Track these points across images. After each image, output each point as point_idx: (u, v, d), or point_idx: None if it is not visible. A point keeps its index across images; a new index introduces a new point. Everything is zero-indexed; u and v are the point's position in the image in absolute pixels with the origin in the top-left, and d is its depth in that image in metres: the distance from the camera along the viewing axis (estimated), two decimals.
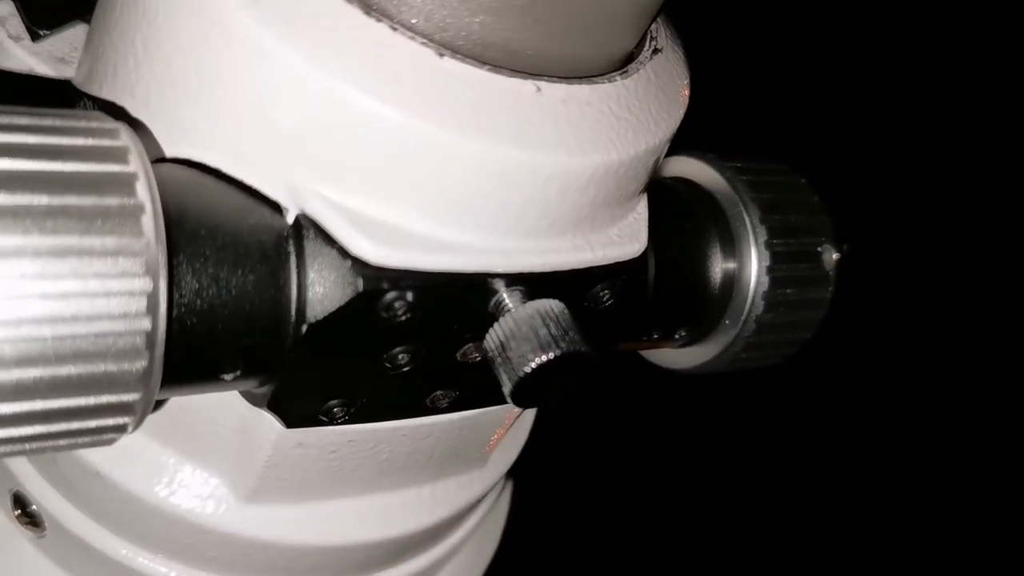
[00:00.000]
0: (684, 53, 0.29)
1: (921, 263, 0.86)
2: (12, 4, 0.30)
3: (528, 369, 0.24)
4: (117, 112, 0.25)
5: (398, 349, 0.25)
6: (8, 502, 0.32)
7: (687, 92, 0.28)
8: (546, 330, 0.24)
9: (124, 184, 0.21)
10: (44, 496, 0.31)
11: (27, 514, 0.31)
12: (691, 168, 0.33)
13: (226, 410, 0.27)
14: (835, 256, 0.33)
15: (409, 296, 0.24)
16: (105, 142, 0.21)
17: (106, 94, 0.25)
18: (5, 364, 0.19)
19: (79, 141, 0.21)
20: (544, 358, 0.24)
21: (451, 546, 0.36)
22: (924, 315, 0.87)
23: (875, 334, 0.82)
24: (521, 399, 0.24)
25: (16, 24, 0.30)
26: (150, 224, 0.21)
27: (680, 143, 0.29)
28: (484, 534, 0.39)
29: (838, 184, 0.37)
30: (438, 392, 0.28)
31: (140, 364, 0.21)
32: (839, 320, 0.33)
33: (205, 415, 0.28)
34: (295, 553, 0.31)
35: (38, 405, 0.20)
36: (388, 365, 0.25)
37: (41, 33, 0.30)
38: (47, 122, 0.21)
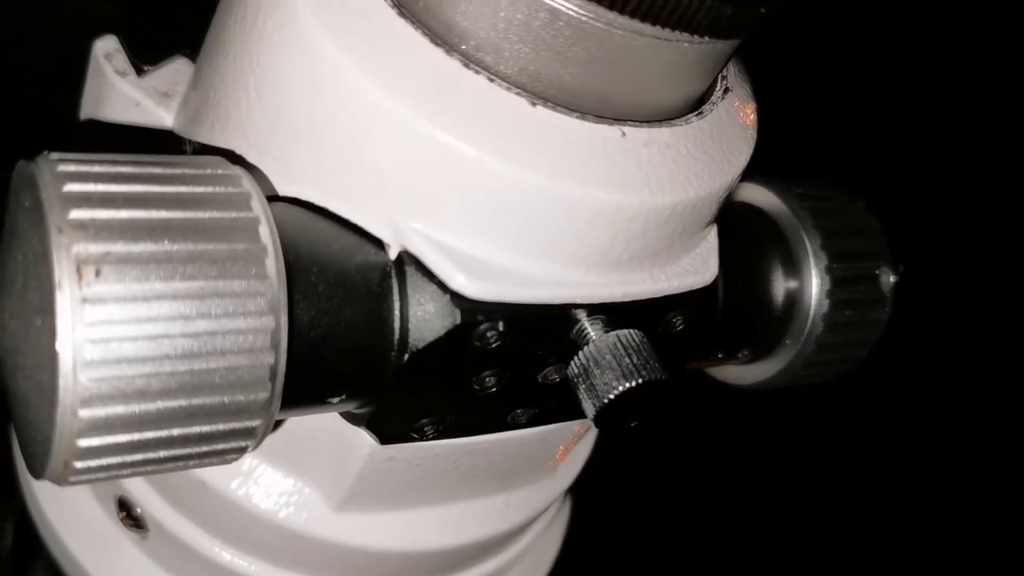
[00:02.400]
0: (751, 88, 0.31)
1: (922, 266, 0.87)
2: (117, 40, 0.32)
3: (612, 396, 0.26)
4: (227, 155, 0.27)
5: (487, 373, 0.27)
6: (113, 506, 0.34)
7: (755, 127, 0.30)
8: (628, 360, 0.26)
9: (249, 229, 0.22)
10: (148, 501, 0.33)
11: (131, 517, 0.33)
12: (756, 194, 0.35)
13: (323, 427, 0.29)
14: (892, 279, 0.34)
15: (500, 326, 0.26)
16: (231, 189, 0.23)
17: (216, 139, 0.27)
18: (151, 396, 0.21)
19: (208, 189, 0.23)
20: (628, 385, 0.26)
21: (520, 550, 0.38)
22: (925, 317, 0.87)
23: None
24: (605, 423, 0.26)
25: (121, 60, 0.32)
26: (272, 266, 0.22)
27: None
28: (548, 538, 0.41)
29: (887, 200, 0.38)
30: (519, 410, 0.29)
31: (263, 394, 0.23)
32: None
33: (303, 431, 0.30)
34: (380, 558, 0.32)
35: (176, 431, 0.22)
36: (476, 387, 0.27)
37: (145, 68, 0.32)
38: (180, 171, 0.23)
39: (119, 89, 0.31)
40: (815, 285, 0.33)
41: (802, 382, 0.35)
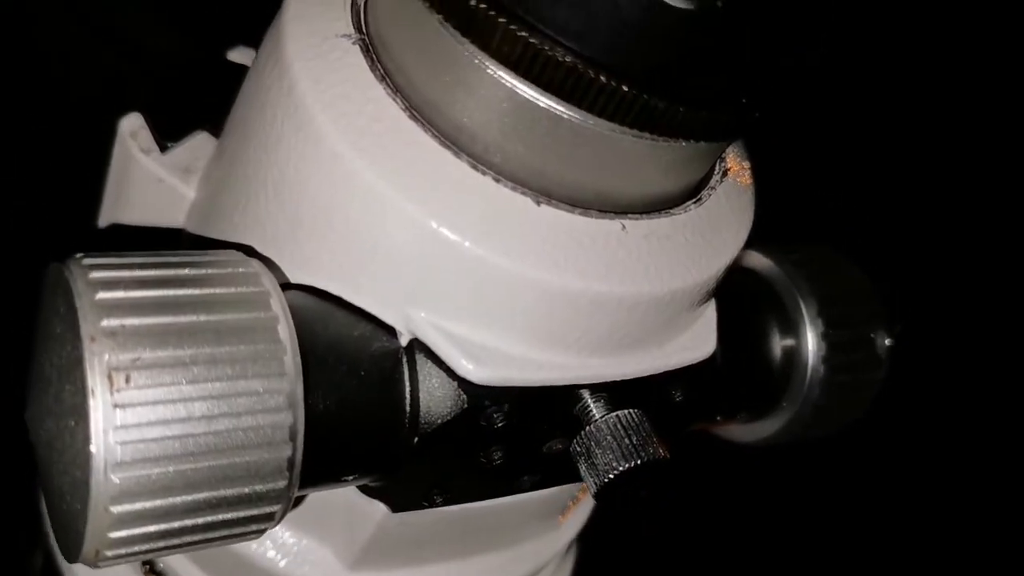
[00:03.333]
0: (749, 164, 0.32)
1: (923, 271, 0.87)
2: (141, 118, 0.33)
3: (613, 475, 0.27)
4: (243, 247, 0.28)
5: (494, 448, 0.28)
6: (139, 563, 0.35)
7: (753, 206, 0.31)
8: (628, 440, 0.27)
9: (269, 329, 0.24)
10: (171, 558, 0.34)
11: (154, 571, 0.35)
12: (752, 260, 0.36)
13: (338, 496, 0.30)
14: (887, 342, 0.35)
15: (505, 407, 0.27)
16: (251, 289, 0.24)
17: (229, 232, 0.29)
18: (177, 490, 0.22)
19: (230, 291, 0.24)
20: (627, 465, 0.27)
21: None
22: (925, 320, 0.88)
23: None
24: (606, 500, 0.28)
25: (146, 137, 0.33)
26: (291, 363, 0.24)
27: None
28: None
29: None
30: (525, 477, 0.31)
31: (282, 483, 0.24)
32: None
33: (320, 497, 0.31)
34: None
35: (200, 520, 0.23)
36: (484, 460, 0.29)
37: (168, 145, 0.33)
38: (203, 272, 0.24)
39: (143, 166, 0.33)
40: (811, 351, 0.34)
41: (799, 440, 0.36)
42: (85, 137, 0.36)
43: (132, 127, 0.33)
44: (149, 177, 0.32)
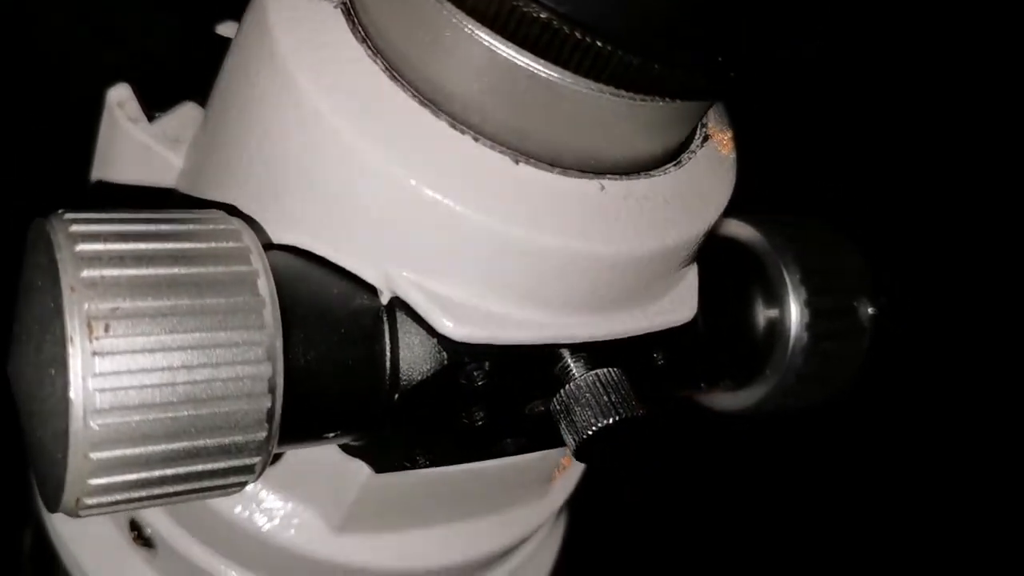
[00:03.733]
0: (731, 131, 0.32)
1: (921, 264, 0.87)
2: (129, 88, 0.34)
3: (591, 432, 0.27)
4: (227, 207, 0.28)
5: (475, 408, 0.29)
6: (125, 525, 0.36)
7: (734, 172, 0.31)
8: (607, 397, 0.28)
9: (248, 283, 0.24)
10: (158, 521, 0.35)
11: (142, 537, 0.35)
12: (737, 229, 0.36)
13: (322, 455, 0.31)
14: (871, 311, 0.35)
15: (486, 366, 0.27)
16: (231, 244, 0.25)
17: (217, 193, 0.29)
18: (156, 438, 0.23)
19: (210, 245, 0.24)
20: (605, 422, 0.27)
21: (513, 566, 0.39)
22: (926, 318, 0.88)
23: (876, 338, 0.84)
24: (585, 457, 0.28)
25: (133, 107, 0.33)
26: (270, 316, 0.24)
27: None
28: (543, 553, 0.43)
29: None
30: (508, 439, 0.31)
31: (261, 434, 0.24)
32: None
33: (303, 459, 0.32)
34: None
35: (180, 470, 0.24)
36: (465, 421, 0.29)
37: (156, 115, 0.34)
38: (184, 227, 0.24)
39: (131, 135, 0.33)
40: (794, 318, 0.34)
41: (784, 411, 0.37)
42: (84, 131, 0.36)
43: (119, 97, 0.33)
44: (137, 146, 0.33)
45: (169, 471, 0.24)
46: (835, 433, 0.84)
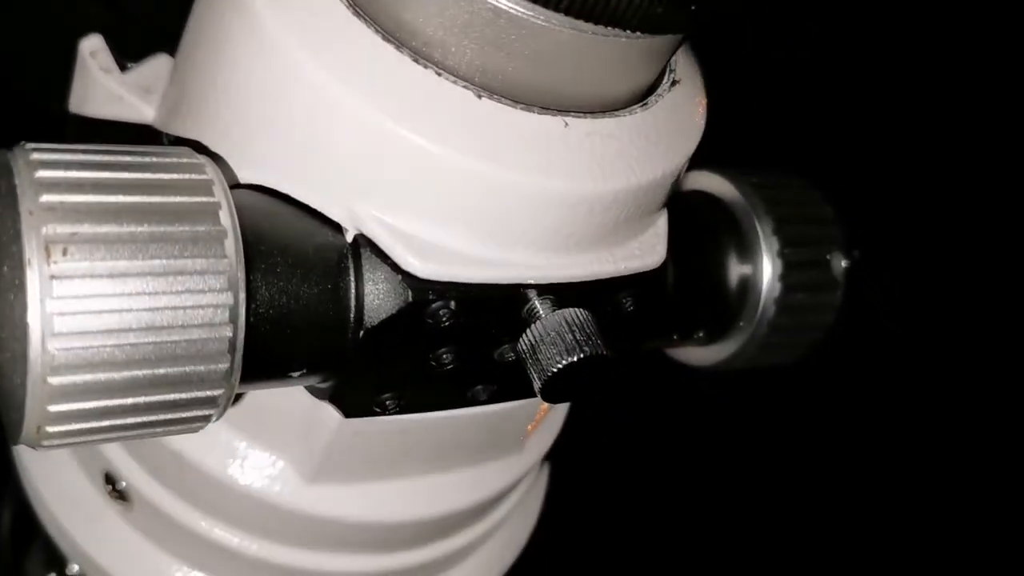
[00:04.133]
0: (702, 81, 0.32)
1: (921, 264, 0.88)
2: (102, 39, 0.34)
3: (555, 369, 0.27)
4: (197, 146, 0.28)
5: (442, 350, 0.29)
6: (100, 480, 0.36)
7: (703, 118, 0.31)
8: (571, 336, 0.28)
9: (210, 213, 0.24)
10: (132, 474, 0.35)
11: (117, 491, 0.35)
12: (710, 182, 0.36)
13: (292, 402, 0.31)
14: (844, 263, 0.35)
15: (452, 305, 0.27)
16: (194, 176, 0.25)
17: (187, 131, 0.29)
18: (117, 365, 0.23)
19: (173, 176, 0.24)
20: (570, 360, 0.27)
21: (491, 524, 0.39)
22: (926, 316, 0.88)
23: (876, 336, 0.84)
24: (550, 396, 0.28)
25: (106, 57, 0.33)
26: (231, 247, 0.24)
27: (708, 145, 0.32)
28: (522, 514, 0.43)
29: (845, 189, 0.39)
30: (478, 387, 0.31)
31: (223, 365, 0.24)
32: (843, 322, 0.36)
33: (274, 406, 0.32)
34: (352, 528, 0.34)
35: (141, 399, 0.24)
36: (433, 364, 0.29)
37: (128, 65, 0.34)
38: (147, 159, 0.25)
39: (103, 85, 0.33)
40: (767, 269, 0.34)
41: (759, 364, 0.37)
42: (48, 63, 0.36)
43: (92, 47, 0.33)
44: (109, 95, 0.33)
45: (130, 400, 0.24)
46: (834, 428, 0.84)
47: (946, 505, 0.85)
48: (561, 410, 0.40)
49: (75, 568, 0.37)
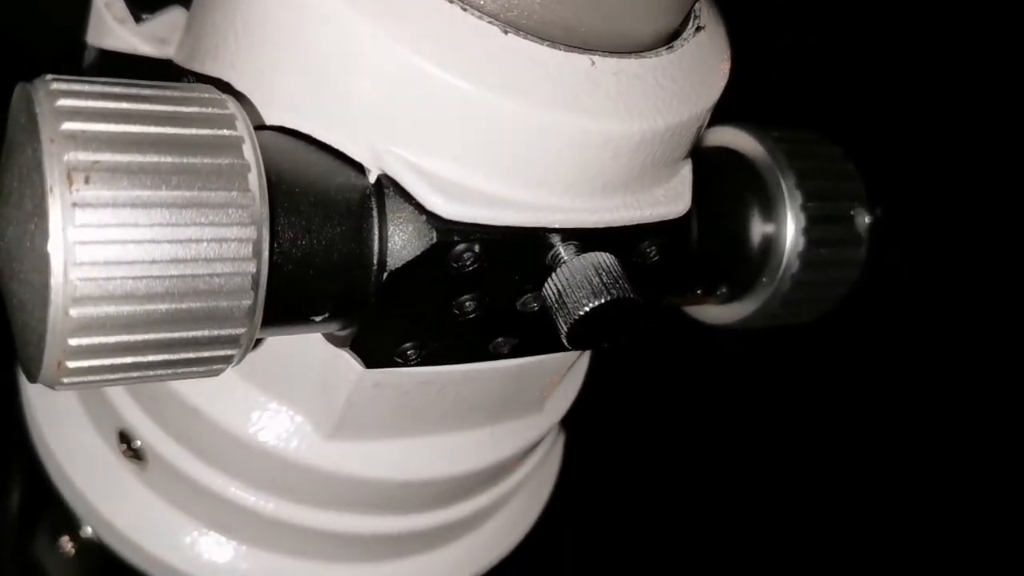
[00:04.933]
0: (726, 30, 0.32)
1: (922, 260, 0.87)
2: None
3: (582, 312, 0.27)
4: (220, 85, 0.28)
5: (465, 297, 0.28)
6: (114, 439, 0.35)
7: (727, 66, 0.31)
8: (599, 279, 0.27)
9: (233, 146, 0.24)
10: (148, 432, 0.34)
11: (132, 449, 0.35)
12: (734, 138, 0.36)
13: (312, 354, 0.30)
14: (867, 219, 0.35)
15: (476, 248, 0.27)
16: (216, 110, 0.24)
17: (209, 70, 0.29)
18: (139, 298, 0.22)
19: (196, 109, 0.24)
20: (597, 303, 0.27)
21: (510, 487, 0.39)
22: (927, 315, 0.88)
23: (880, 332, 0.84)
24: (576, 341, 0.27)
25: (120, 8, 0.33)
26: (255, 181, 0.24)
27: (724, 115, 0.32)
28: (540, 478, 0.42)
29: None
30: (500, 339, 0.30)
31: (246, 302, 0.24)
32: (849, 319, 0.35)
33: (293, 359, 0.31)
34: (369, 486, 0.34)
35: (164, 334, 0.23)
36: (456, 312, 0.28)
37: (143, 16, 0.33)
38: (170, 93, 0.24)
39: (118, 35, 0.33)
40: (791, 223, 0.34)
41: (781, 322, 0.36)
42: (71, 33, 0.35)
43: None
44: (124, 45, 0.32)
45: (152, 335, 0.23)
46: (838, 422, 0.84)
47: (953, 490, 0.84)
48: (579, 373, 0.40)
49: (88, 530, 0.37)
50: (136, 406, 0.34)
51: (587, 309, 0.27)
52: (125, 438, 0.35)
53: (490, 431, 0.35)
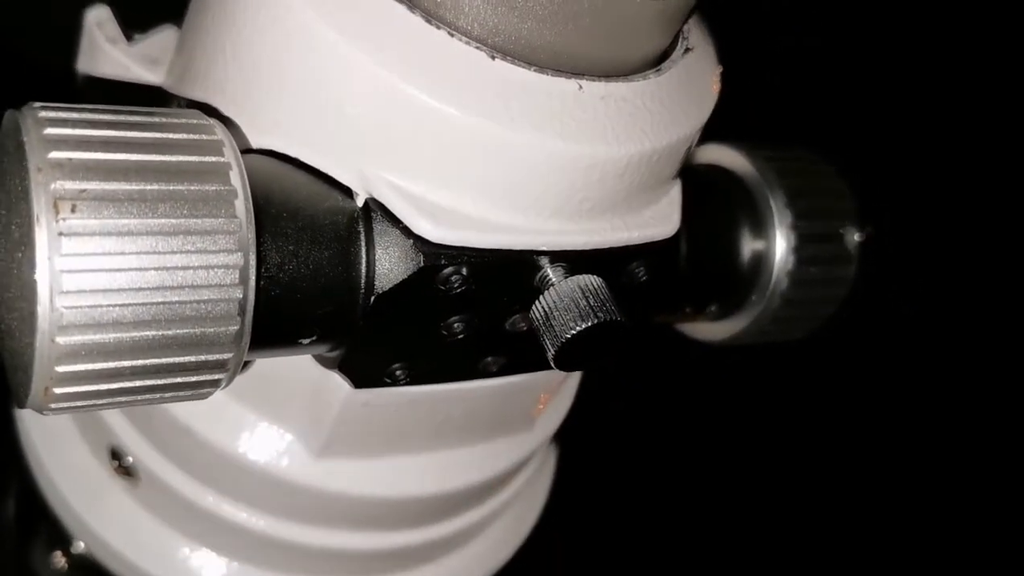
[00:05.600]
0: (715, 51, 0.32)
1: (923, 262, 0.88)
2: (108, 10, 0.33)
3: (569, 335, 0.27)
4: (208, 110, 0.28)
5: (453, 319, 0.28)
6: (106, 455, 0.36)
7: (717, 86, 0.31)
8: (585, 302, 0.27)
9: (220, 173, 0.24)
10: (139, 449, 0.34)
11: (123, 466, 0.35)
12: (724, 156, 0.36)
13: (301, 374, 0.30)
14: (858, 237, 0.35)
15: (464, 271, 0.27)
16: (203, 137, 0.24)
17: (198, 95, 0.29)
18: (125, 326, 0.22)
19: (183, 136, 0.24)
20: (584, 326, 0.27)
21: (501, 503, 0.39)
22: (927, 315, 0.88)
23: (880, 333, 0.84)
24: (563, 363, 0.28)
25: (112, 28, 0.33)
26: (242, 207, 0.24)
27: (714, 132, 0.32)
28: (531, 493, 0.42)
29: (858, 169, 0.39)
30: (489, 358, 0.31)
31: (233, 327, 0.24)
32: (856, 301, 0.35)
33: (283, 378, 0.31)
34: (359, 504, 0.34)
35: (150, 361, 0.23)
36: (444, 333, 0.29)
37: (135, 36, 0.33)
38: (156, 119, 0.24)
39: (110, 56, 0.33)
40: (780, 242, 0.34)
41: (772, 339, 0.36)
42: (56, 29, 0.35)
43: (99, 18, 0.33)
44: (115, 66, 0.33)
45: (139, 361, 0.23)
46: (841, 406, 0.84)
47: (951, 492, 0.84)
48: (570, 390, 0.40)
49: (81, 546, 0.37)
50: (128, 424, 0.35)
51: (574, 332, 0.27)
52: (117, 455, 0.35)
53: (480, 449, 0.35)
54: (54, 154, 0.22)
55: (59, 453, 0.37)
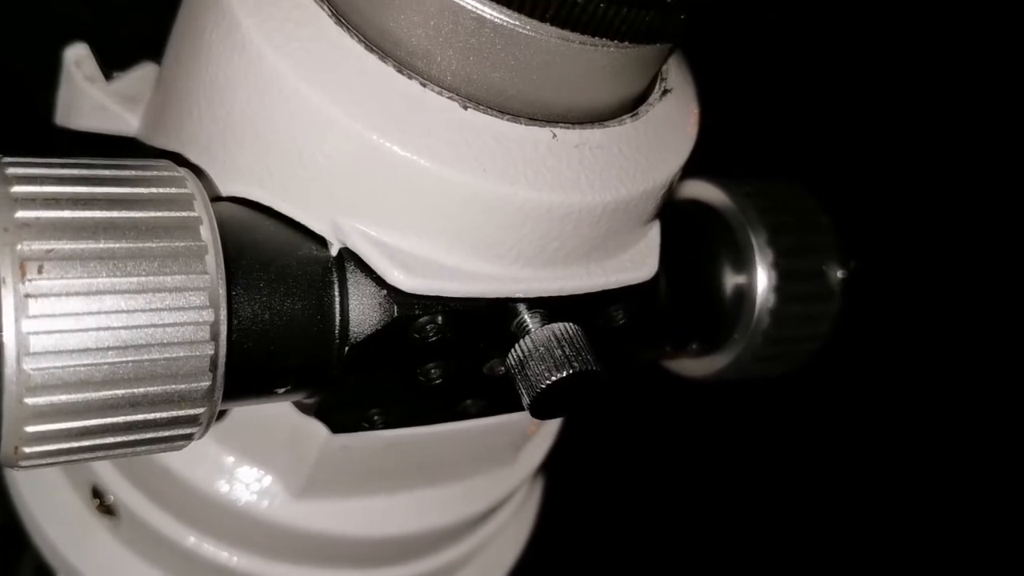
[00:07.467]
0: (695, 90, 0.32)
1: (921, 266, 0.87)
2: (87, 48, 0.33)
3: (544, 385, 0.27)
4: (179, 159, 0.28)
5: (430, 365, 0.28)
6: (87, 494, 0.35)
7: (695, 128, 0.31)
8: (561, 351, 0.27)
9: (190, 228, 0.24)
10: (120, 488, 0.34)
11: (104, 505, 0.35)
12: (704, 191, 0.36)
13: (280, 418, 0.30)
14: (839, 274, 0.35)
15: (439, 319, 0.27)
16: (174, 190, 0.24)
17: (170, 144, 0.29)
18: (95, 385, 0.22)
19: (153, 190, 0.24)
20: (559, 376, 0.27)
21: (483, 538, 0.39)
22: (926, 319, 0.88)
23: (878, 339, 0.84)
24: (539, 412, 0.27)
25: (91, 66, 0.33)
26: (212, 262, 0.24)
27: (725, 122, 0.32)
28: (515, 528, 0.42)
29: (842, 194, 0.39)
30: (468, 401, 0.31)
31: (205, 383, 0.24)
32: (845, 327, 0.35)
33: (262, 422, 0.31)
34: (339, 544, 0.34)
35: (121, 418, 0.23)
36: (422, 379, 0.29)
37: (113, 74, 0.33)
38: (127, 173, 0.24)
39: (88, 94, 0.33)
40: (761, 280, 0.34)
41: (754, 375, 0.36)
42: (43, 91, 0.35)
43: (77, 56, 0.33)
44: (94, 105, 0.32)
45: (109, 420, 0.23)
46: (829, 429, 0.84)
47: (942, 507, 0.84)
48: (555, 421, 0.40)
49: None
50: (109, 463, 0.35)
51: (549, 382, 0.27)
52: (98, 493, 0.35)
53: (461, 486, 0.35)
54: (20, 213, 0.22)
55: (42, 490, 0.37)
